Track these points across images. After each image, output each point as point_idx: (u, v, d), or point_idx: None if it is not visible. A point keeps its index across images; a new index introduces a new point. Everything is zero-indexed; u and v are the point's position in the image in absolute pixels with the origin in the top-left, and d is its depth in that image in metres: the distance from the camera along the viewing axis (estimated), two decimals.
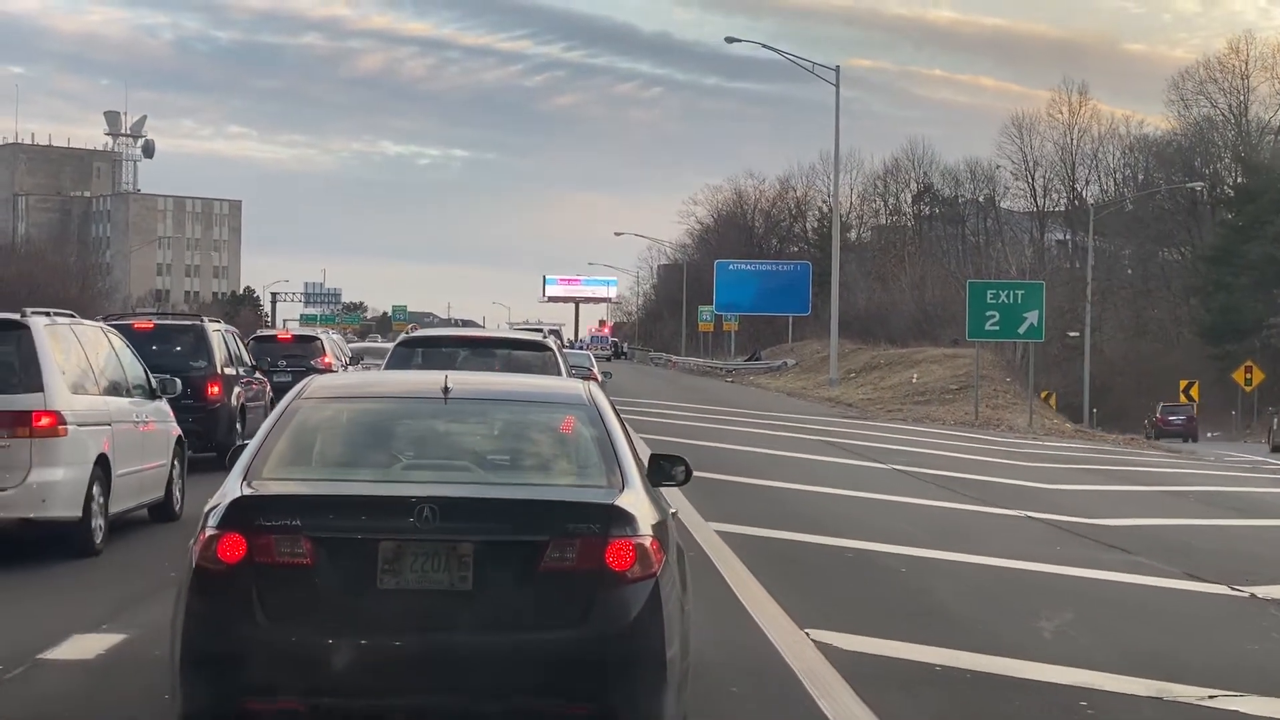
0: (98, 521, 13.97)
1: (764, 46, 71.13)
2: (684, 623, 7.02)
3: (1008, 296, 48.46)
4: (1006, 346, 70.39)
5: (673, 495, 19.56)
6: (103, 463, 14.17)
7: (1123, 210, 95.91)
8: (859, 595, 12.69)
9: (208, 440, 21.87)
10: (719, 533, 16.18)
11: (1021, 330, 48.42)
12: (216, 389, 23.13)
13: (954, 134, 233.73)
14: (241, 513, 6.71)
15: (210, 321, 24.78)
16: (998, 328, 48.49)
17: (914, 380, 61.56)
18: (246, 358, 26.40)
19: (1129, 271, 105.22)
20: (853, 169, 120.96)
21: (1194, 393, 74.51)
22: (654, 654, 6.63)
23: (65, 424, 13.51)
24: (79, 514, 13.60)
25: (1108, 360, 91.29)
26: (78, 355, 14.61)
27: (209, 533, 6.70)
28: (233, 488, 6.95)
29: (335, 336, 44.97)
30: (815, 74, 67.71)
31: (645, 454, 8.48)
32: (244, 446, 7.51)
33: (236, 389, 24.19)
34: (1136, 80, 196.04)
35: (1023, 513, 20.06)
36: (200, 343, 23.52)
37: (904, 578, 13.81)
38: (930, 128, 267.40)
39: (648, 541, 6.72)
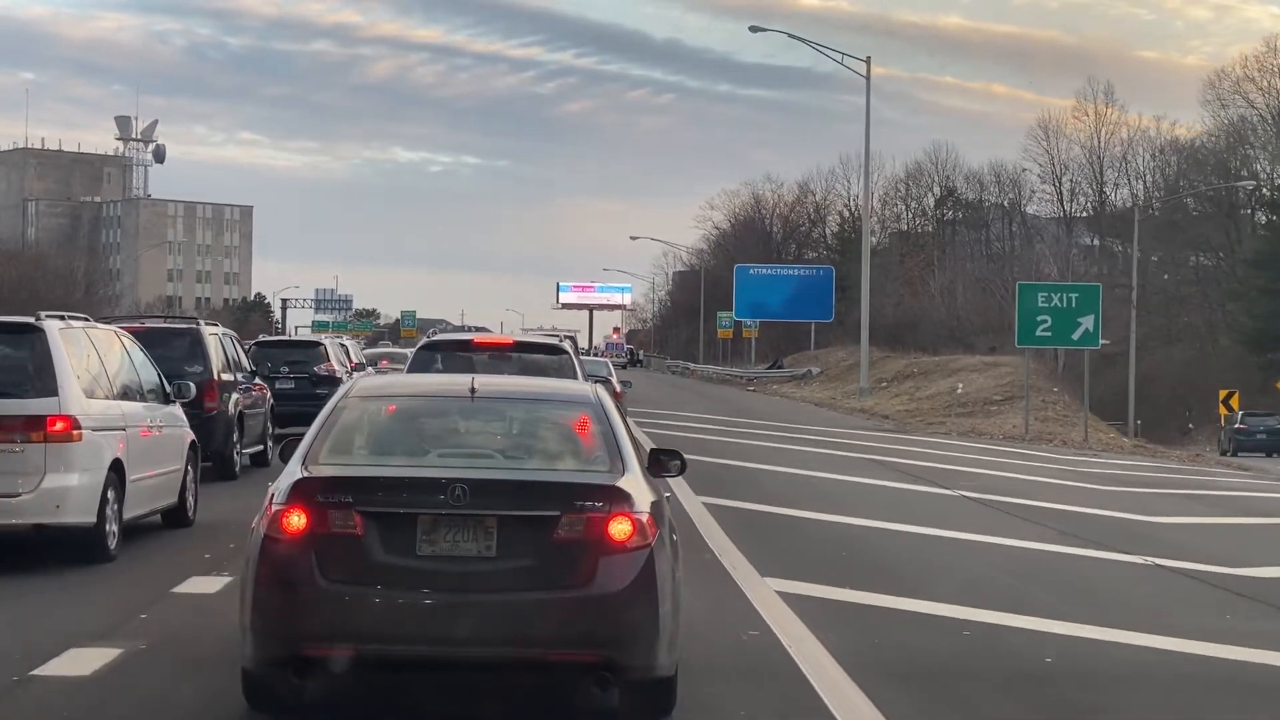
0: (111, 527, 13.76)
1: (791, 36, 67.35)
2: (675, 586, 7.83)
3: (1061, 300, 44.24)
4: (1047, 354, 66.50)
5: (721, 542, 15.97)
6: (117, 468, 13.96)
7: (1152, 214, 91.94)
8: (1004, 710, 8.92)
9: (204, 449, 18.99)
10: (782, 594, 12.58)
11: (1076, 336, 44.11)
12: (213, 395, 21.62)
13: (966, 140, 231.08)
14: (302, 491, 7.60)
15: (207, 325, 23.36)
16: (1050, 334, 44.36)
17: (958, 390, 57.67)
18: (246, 363, 25.04)
19: (1165, 277, 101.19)
20: (873, 172, 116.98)
21: (1234, 402, 71.04)
22: (649, 611, 7.49)
23: (80, 429, 13.26)
24: (93, 520, 13.39)
25: (1140, 368, 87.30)
26: (92, 359, 14.31)
27: (275, 508, 7.60)
28: (294, 470, 7.85)
29: (348, 343, 44.78)
30: (844, 65, 64.37)
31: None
32: (298, 440, 8.31)
33: (235, 395, 22.74)
34: (1149, 88, 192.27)
35: (1146, 559, 16.27)
36: (196, 347, 22.15)
37: (1055, 671, 10.03)
38: (942, 134, 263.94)
39: (644, 518, 7.60)
